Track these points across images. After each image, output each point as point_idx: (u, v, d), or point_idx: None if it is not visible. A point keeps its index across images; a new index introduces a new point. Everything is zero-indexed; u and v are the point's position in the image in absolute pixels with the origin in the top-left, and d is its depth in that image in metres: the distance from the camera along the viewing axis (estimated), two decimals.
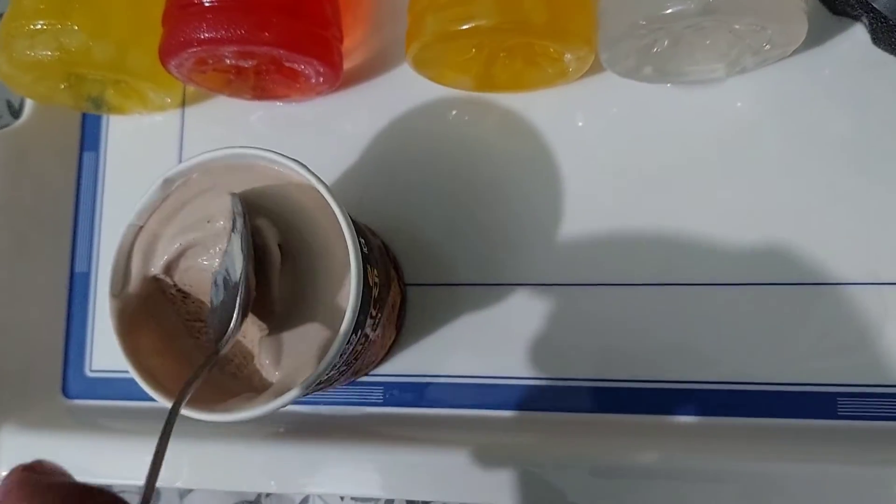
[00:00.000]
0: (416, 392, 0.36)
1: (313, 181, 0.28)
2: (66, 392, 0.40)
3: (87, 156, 0.42)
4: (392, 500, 0.36)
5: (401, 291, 0.36)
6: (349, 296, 0.27)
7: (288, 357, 0.28)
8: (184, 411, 0.27)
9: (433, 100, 0.38)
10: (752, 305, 0.34)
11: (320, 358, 0.27)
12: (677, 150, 0.35)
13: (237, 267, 0.28)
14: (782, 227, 0.34)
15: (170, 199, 0.30)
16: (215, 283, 0.29)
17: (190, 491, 0.38)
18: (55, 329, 0.40)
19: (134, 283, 0.30)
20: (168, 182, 0.30)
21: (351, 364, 0.31)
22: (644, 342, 0.34)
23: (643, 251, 0.35)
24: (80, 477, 0.36)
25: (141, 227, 0.30)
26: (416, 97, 0.38)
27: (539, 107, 0.37)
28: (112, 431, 0.37)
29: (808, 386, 0.33)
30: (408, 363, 0.36)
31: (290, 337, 0.28)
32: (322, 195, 0.28)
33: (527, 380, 0.35)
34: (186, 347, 0.31)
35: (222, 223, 0.29)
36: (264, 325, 0.29)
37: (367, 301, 0.29)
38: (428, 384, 0.36)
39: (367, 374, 0.37)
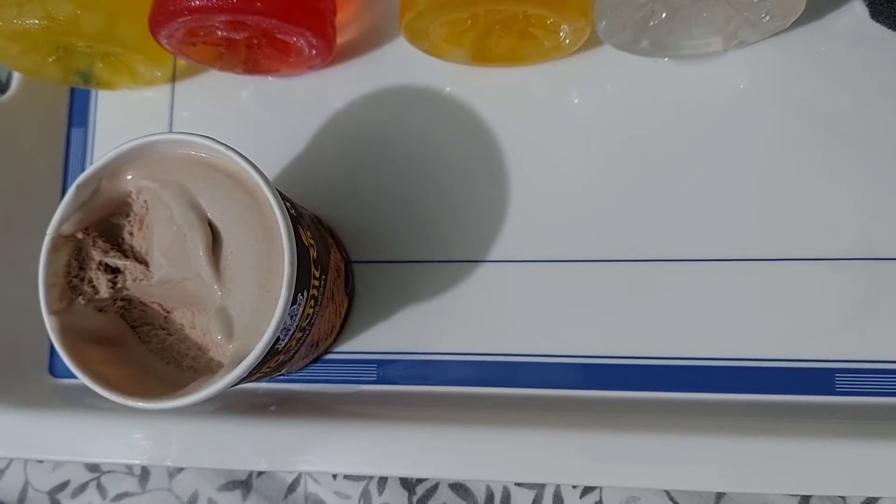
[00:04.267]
0: (410, 369, 0.35)
1: (223, 150, 0.28)
2: (53, 371, 0.40)
3: (75, 132, 0.41)
4: (385, 479, 0.36)
5: (343, 259, 0.36)
6: (285, 254, 0.27)
7: (239, 331, 0.28)
8: (143, 404, 0.27)
9: (428, 75, 0.37)
10: (748, 281, 0.33)
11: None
12: (673, 125, 0.35)
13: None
14: (778, 202, 0.34)
15: (88, 204, 0.30)
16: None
17: (180, 470, 0.38)
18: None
19: (72, 296, 0.30)
20: (81, 188, 0.29)
21: (306, 330, 0.31)
22: (637, 318, 0.34)
23: (638, 227, 0.34)
24: (67, 456, 0.36)
25: (65, 237, 0.29)
26: (410, 72, 0.37)
27: (535, 82, 0.36)
28: (99, 410, 0.36)
29: (805, 362, 0.33)
30: (401, 340, 0.36)
31: (238, 312, 0.28)
32: (237, 162, 0.28)
33: (519, 356, 0.35)
34: (137, 354, 0.31)
35: (149, 222, 0.29)
36: (210, 309, 0.29)
37: (306, 260, 0.29)
38: (421, 361, 0.35)
39: (329, 350, 0.36)
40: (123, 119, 0.41)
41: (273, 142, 0.38)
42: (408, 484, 0.36)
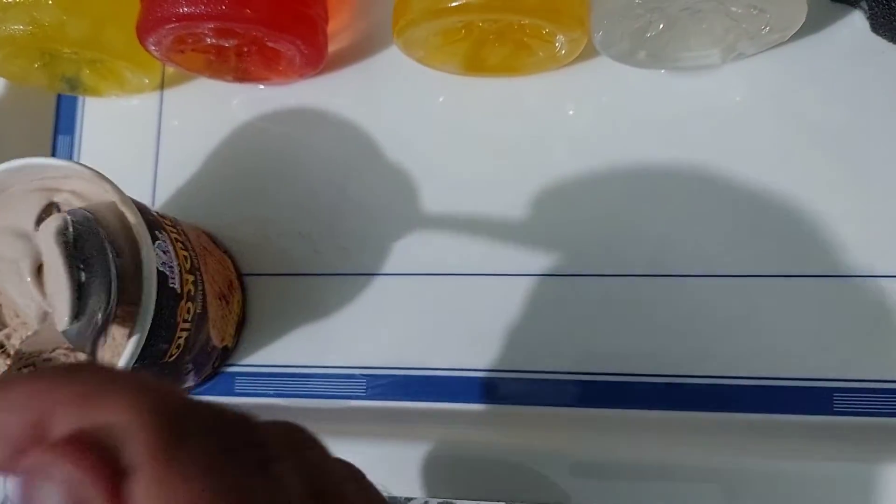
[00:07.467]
0: (400, 385, 0.35)
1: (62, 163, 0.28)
2: None
3: (61, 139, 0.40)
4: None
5: (234, 270, 0.35)
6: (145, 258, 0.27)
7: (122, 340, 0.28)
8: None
9: (421, 85, 0.37)
10: (745, 298, 0.33)
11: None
12: (670, 138, 0.34)
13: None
14: (777, 217, 0.33)
15: None
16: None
17: None
18: None
19: None
20: None
21: (191, 333, 0.31)
22: (629, 335, 0.33)
23: (632, 241, 0.34)
24: None
25: None
26: (403, 81, 0.37)
27: (529, 93, 0.36)
28: None
29: (803, 381, 0.32)
30: (388, 355, 0.35)
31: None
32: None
33: (509, 372, 0.34)
34: None
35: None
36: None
37: (173, 259, 0.29)
38: (411, 377, 0.35)
39: (227, 363, 0.36)
40: (111, 127, 0.40)
41: (263, 151, 0.38)
42: (395, 503, 0.35)
